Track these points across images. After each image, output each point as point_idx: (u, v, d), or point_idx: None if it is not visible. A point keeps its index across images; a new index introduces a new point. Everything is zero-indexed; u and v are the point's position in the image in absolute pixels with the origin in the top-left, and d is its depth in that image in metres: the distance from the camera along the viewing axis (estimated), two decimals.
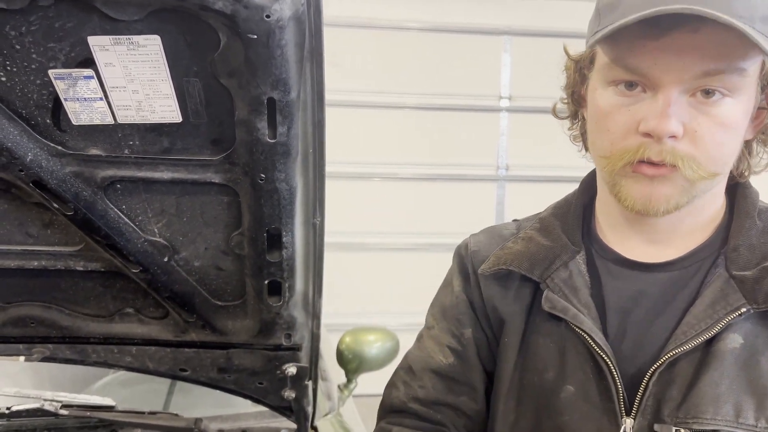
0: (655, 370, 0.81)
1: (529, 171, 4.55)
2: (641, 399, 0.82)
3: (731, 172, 0.88)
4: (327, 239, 1.14)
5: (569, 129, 0.97)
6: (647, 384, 0.82)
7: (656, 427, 0.80)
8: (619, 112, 0.79)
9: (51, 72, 0.81)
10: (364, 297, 4.41)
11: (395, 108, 4.51)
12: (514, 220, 1.06)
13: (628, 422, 0.82)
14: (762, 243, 0.84)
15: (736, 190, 0.90)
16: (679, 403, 0.79)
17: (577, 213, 0.96)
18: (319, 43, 0.83)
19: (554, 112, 0.98)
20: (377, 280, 4.47)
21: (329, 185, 1.05)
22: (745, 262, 0.83)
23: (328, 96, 0.92)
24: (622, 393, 0.83)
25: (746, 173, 0.89)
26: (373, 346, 1.99)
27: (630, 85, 0.78)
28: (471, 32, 4.52)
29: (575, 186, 1.01)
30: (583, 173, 1.01)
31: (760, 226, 0.86)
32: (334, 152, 1.19)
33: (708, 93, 0.75)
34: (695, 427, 0.78)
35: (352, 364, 1.96)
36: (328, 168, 1.02)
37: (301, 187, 0.99)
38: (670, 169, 0.77)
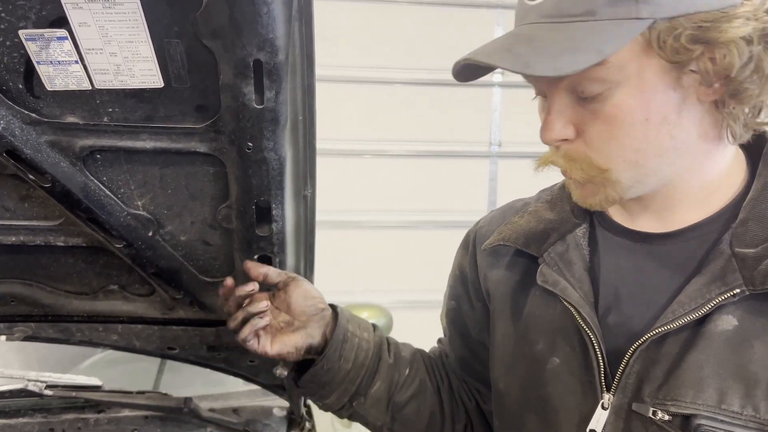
0: (636, 348, 0.77)
1: (522, 147, 4.48)
2: (621, 376, 0.79)
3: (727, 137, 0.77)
4: (318, 217, 1.10)
5: None
6: (628, 361, 0.78)
7: (634, 406, 0.77)
8: (541, 120, 0.80)
9: (21, 32, 0.76)
10: (356, 275, 4.38)
11: (386, 83, 4.45)
12: (541, 191, 1.05)
13: (606, 397, 0.79)
14: None
15: (762, 153, 0.81)
16: (661, 383, 0.75)
17: None
18: (307, 2, 0.79)
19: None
20: (370, 257, 4.44)
21: (320, 162, 1.02)
22: (752, 238, 0.75)
23: (317, 71, 0.88)
24: (603, 368, 0.80)
25: (745, 131, 0.77)
26: None
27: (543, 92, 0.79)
28: (463, 5, 4.45)
29: None
30: None
31: None
32: (325, 129, 1.15)
33: None
34: (673, 409, 0.73)
35: None
36: (319, 144, 0.99)
37: (291, 157, 0.95)
38: None
